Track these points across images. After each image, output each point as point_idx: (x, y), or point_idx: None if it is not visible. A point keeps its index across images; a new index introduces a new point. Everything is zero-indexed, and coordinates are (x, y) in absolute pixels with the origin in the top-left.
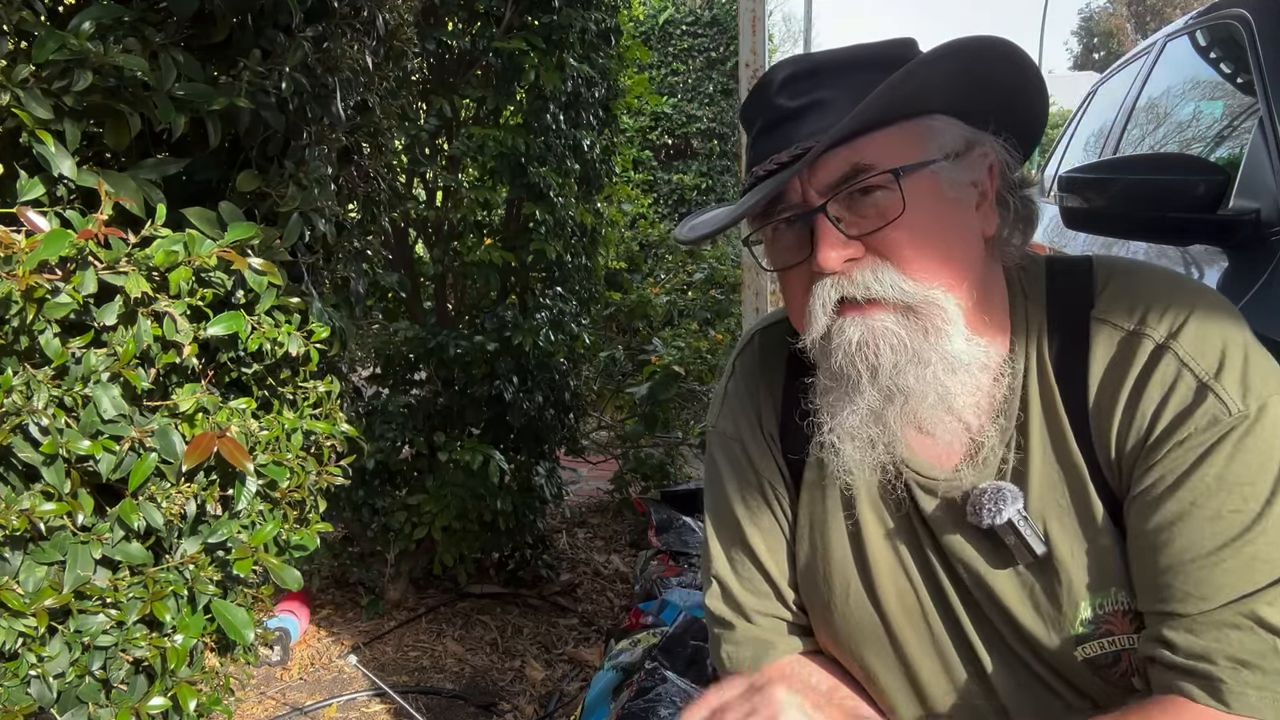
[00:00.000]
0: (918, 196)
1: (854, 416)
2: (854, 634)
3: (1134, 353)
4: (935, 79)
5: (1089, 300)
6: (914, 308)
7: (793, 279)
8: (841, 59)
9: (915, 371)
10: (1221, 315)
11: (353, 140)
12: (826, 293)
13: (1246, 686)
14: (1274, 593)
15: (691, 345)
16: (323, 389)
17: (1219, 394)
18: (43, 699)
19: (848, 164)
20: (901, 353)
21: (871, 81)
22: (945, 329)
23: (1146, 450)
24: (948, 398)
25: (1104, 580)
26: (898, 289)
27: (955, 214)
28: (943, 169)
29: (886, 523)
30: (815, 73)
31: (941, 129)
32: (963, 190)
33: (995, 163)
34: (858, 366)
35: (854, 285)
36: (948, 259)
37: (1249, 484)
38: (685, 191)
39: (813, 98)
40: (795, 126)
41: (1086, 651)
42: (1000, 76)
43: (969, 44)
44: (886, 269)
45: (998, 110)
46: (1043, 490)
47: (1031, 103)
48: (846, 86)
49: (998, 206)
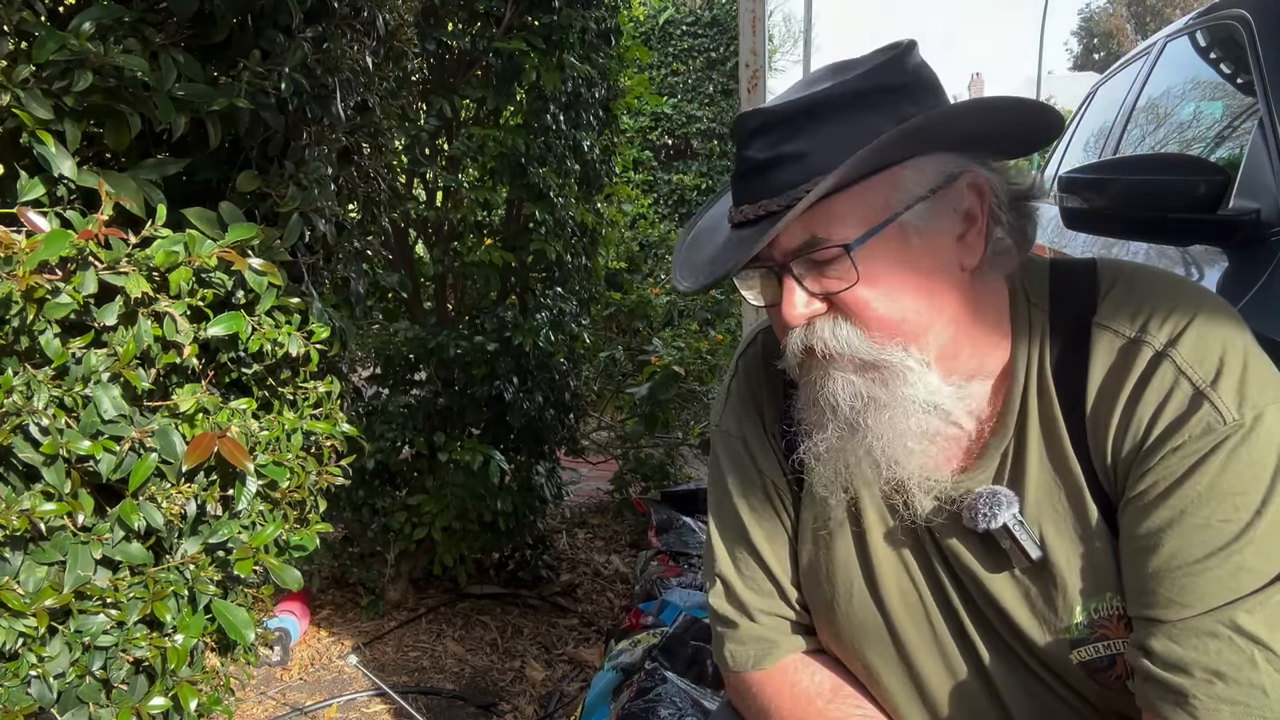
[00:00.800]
0: (874, 260)
1: (824, 442)
2: (857, 633)
3: (1133, 360)
4: (913, 141)
5: (1091, 306)
6: (875, 366)
7: (774, 314)
8: (815, 104)
9: (873, 414)
10: (1223, 322)
11: (353, 140)
12: (795, 340)
13: (1220, 702)
14: (1254, 601)
15: (691, 345)
16: (323, 389)
17: (1214, 403)
18: (43, 699)
19: (807, 233)
20: (858, 399)
21: (846, 129)
22: (905, 378)
23: (1141, 456)
24: (905, 439)
25: (1099, 585)
26: (853, 348)
27: (924, 260)
28: (911, 217)
29: (888, 523)
30: (785, 122)
31: (913, 174)
32: (939, 228)
33: (985, 184)
34: (820, 405)
35: (814, 338)
36: (910, 313)
37: (1240, 493)
38: (685, 191)
39: (778, 151)
40: (764, 180)
41: (1082, 655)
42: (995, 128)
43: (962, 112)
44: (844, 326)
45: (990, 141)
46: (1039, 495)
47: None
48: (816, 137)
49: (992, 225)
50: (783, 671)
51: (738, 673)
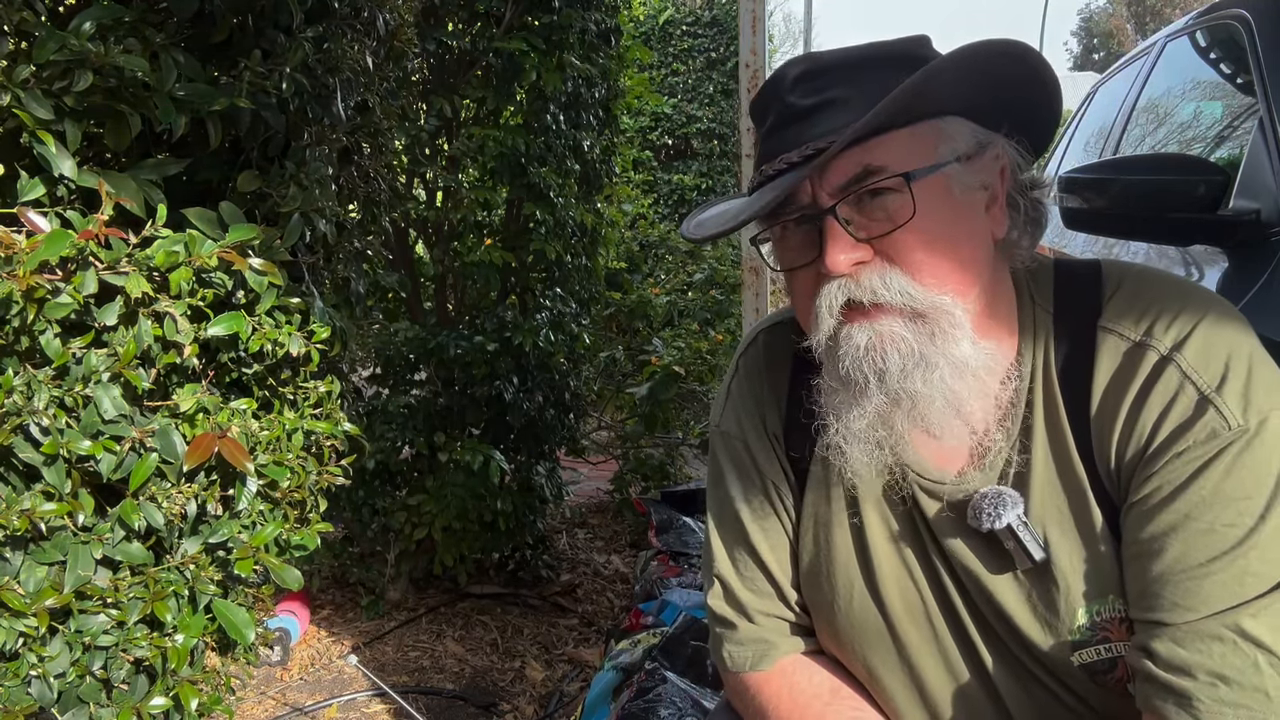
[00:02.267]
0: (928, 200)
1: (861, 420)
2: (857, 635)
3: (1138, 364)
4: (950, 82)
5: (1096, 308)
6: (922, 313)
7: (800, 279)
8: (855, 57)
9: (922, 375)
10: (1228, 327)
11: (353, 140)
12: (833, 295)
13: (1223, 705)
14: (1259, 605)
15: (691, 345)
16: (323, 389)
17: (1219, 407)
18: (43, 699)
19: (859, 165)
20: (909, 357)
21: (884, 81)
22: (953, 333)
23: (1145, 460)
24: (955, 401)
25: (1102, 587)
26: (905, 294)
27: (965, 217)
28: (954, 171)
29: (890, 524)
30: (828, 71)
31: (953, 131)
32: (973, 193)
33: (1007, 164)
34: (864, 371)
35: (861, 289)
36: (957, 263)
37: (1245, 498)
38: (685, 192)
39: (825, 96)
40: (807, 126)
41: (1084, 657)
42: (1015, 79)
43: (986, 47)
44: (895, 273)
45: (1011, 112)
46: (1043, 496)
47: (1046, 103)
48: (859, 85)
49: (1008, 208)
50: (781, 672)
51: (736, 673)
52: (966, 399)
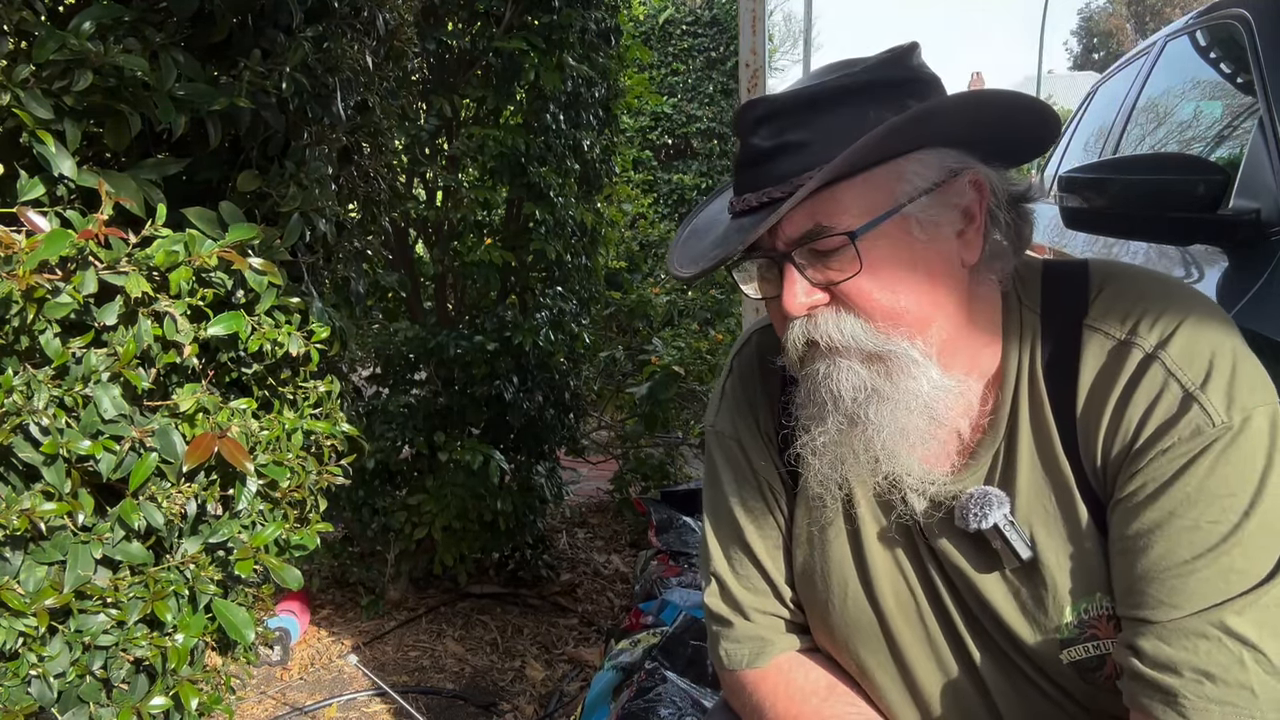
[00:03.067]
0: (879, 249)
1: (823, 436)
2: (851, 633)
3: (1123, 362)
4: (911, 132)
5: (1083, 307)
6: (877, 355)
7: (773, 308)
8: (818, 95)
9: (874, 407)
10: (1212, 325)
11: (353, 140)
12: (796, 333)
13: (1209, 702)
14: (1243, 602)
15: (691, 345)
16: (323, 389)
17: (1204, 405)
18: (43, 699)
19: (811, 221)
20: (861, 390)
21: (849, 120)
22: (911, 371)
23: (1130, 457)
24: (908, 433)
25: (1089, 585)
26: (857, 339)
27: (926, 253)
28: (914, 209)
29: (882, 523)
30: (787, 113)
31: (917, 168)
32: (940, 222)
33: (984, 181)
34: (822, 395)
35: (817, 331)
36: (914, 303)
37: (1228, 495)
38: (685, 191)
39: (783, 140)
40: (767, 168)
41: (1072, 655)
42: (992, 120)
43: (952, 105)
44: (848, 318)
45: (993, 139)
46: (1029, 496)
47: (1032, 126)
48: (821, 127)
49: (990, 224)
50: (777, 670)
51: (733, 671)
52: (927, 425)
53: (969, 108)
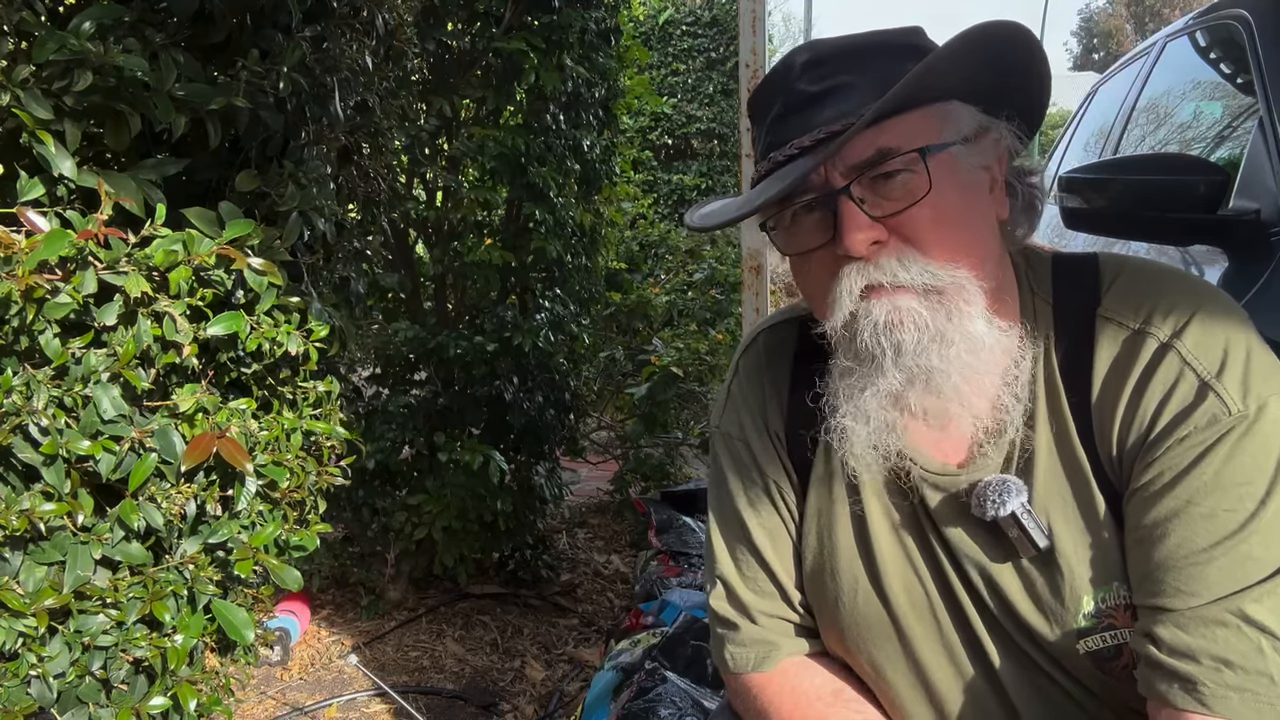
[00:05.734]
0: (941, 177)
1: (874, 399)
2: (863, 631)
3: (1138, 351)
4: (956, 65)
5: (1095, 298)
6: (939, 290)
7: (813, 264)
8: (858, 45)
9: (939, 351)
10: (1226, 314)
11: (352, 140)
12: (852, 280)
13: (1228, 689)
14: (1262, 590)
15: (691, 346)
16: (322, 389)
17: (1219, 394)
18: (43, 699)
19: (873, 147)
20: (925, 331)
21: (887, 67)
22: (968, 310)
23: (1147, 447)
24: (970, 378)
25: (1106, 574)
26: (924, 273)
27: (973, 196)
28: (960, 152)
29: (892, 516)
30: (833, 58)
31: (958, 113)
32: (977, 174)
33: (1005, 149)
34: (882, 344)
35: (880, 272)
36: (970, 241)
37: (1245, 484)
38: (685, 192)
39: (835, 82)
40: (816, 111)
41: (1089, 645)
42: (1015, 62)
43: (988, 31)
44: (911, 253)
45: (1010, 97)
46: (1046, 484)
47: (1038, 87)
48: (864, 71)
49: (1006, 193)
50: (783, 674)
51: (738, 675)
52: (981, 375)
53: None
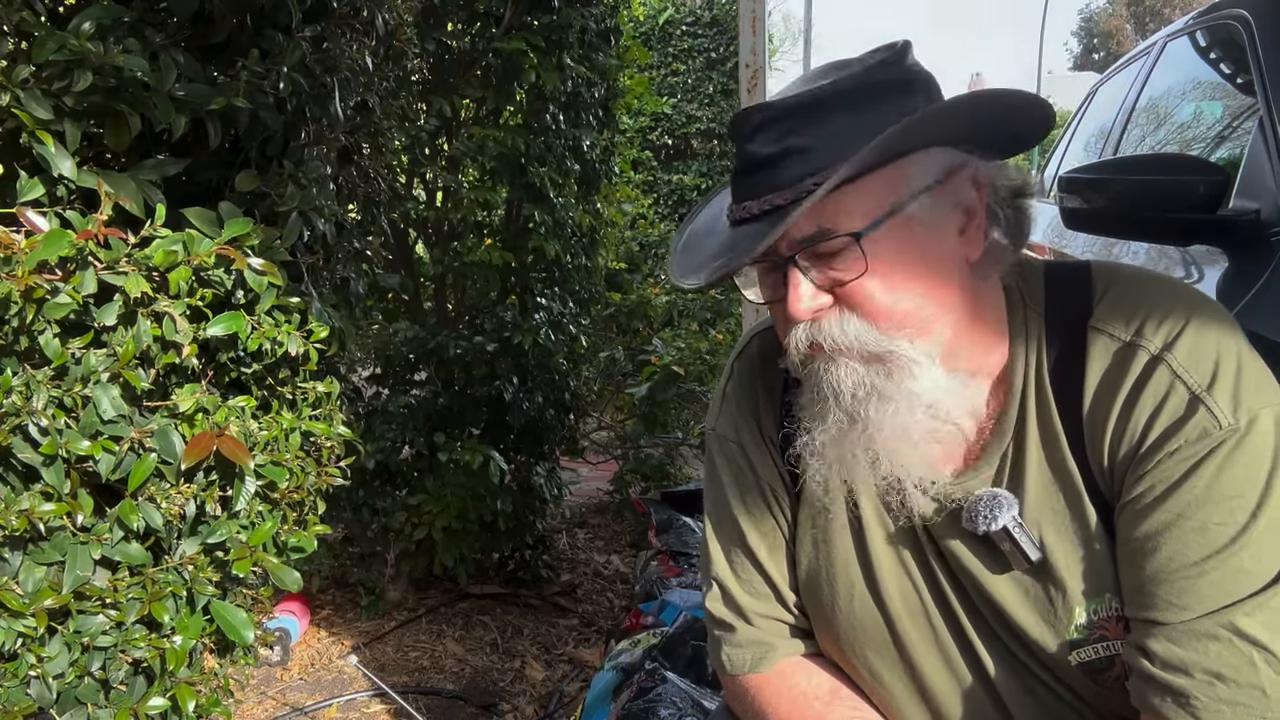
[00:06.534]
0: (883, 249)
1: (823, 435)
2: (859, 636)
3: (1129, 364)
4: (915, 133)
5: (1087, 309)
6: (878, 356)
7: (776, 311)
8: (818, 100)
9: (875, 406)
10: (1217, 326)
11: (352, 140)
12: (799, 337)
13: (1221, 703)
14: (1253, 604)
15: (691, 346)
16: (322, 389)
17: (1210, 407)
18: (42, 699)
19: (814, 225)
20: (862, 387)
21: (850, 124)
22: (911, 370)
23: (1138, 460)
24: (909, 433)
25: (1099, 586)
26: (860, 340)
27: (930, 251)
28: (916, 208)
29: (888, 525)
30: (788, 118)
31: (918, 166)
32: (942, 220)
33: (983, 177)
34: (824, 392)
35: (820, 334)
36: (919, 303)
37: (1236, 497)
38: (685, 192)
39: (785, 145)
40: (768, 175)
41: (1081, 656)
42: (993, 119)
43: (958, 106)
44: (852, 320)
45: (991, 136)
46: (1038, 497)
47: (1030, 122)
48: (822, 133)
49: (989, 221)
50: (780, 674)
51: (734, 676)
52: (930, 427)
53: (972, 106)
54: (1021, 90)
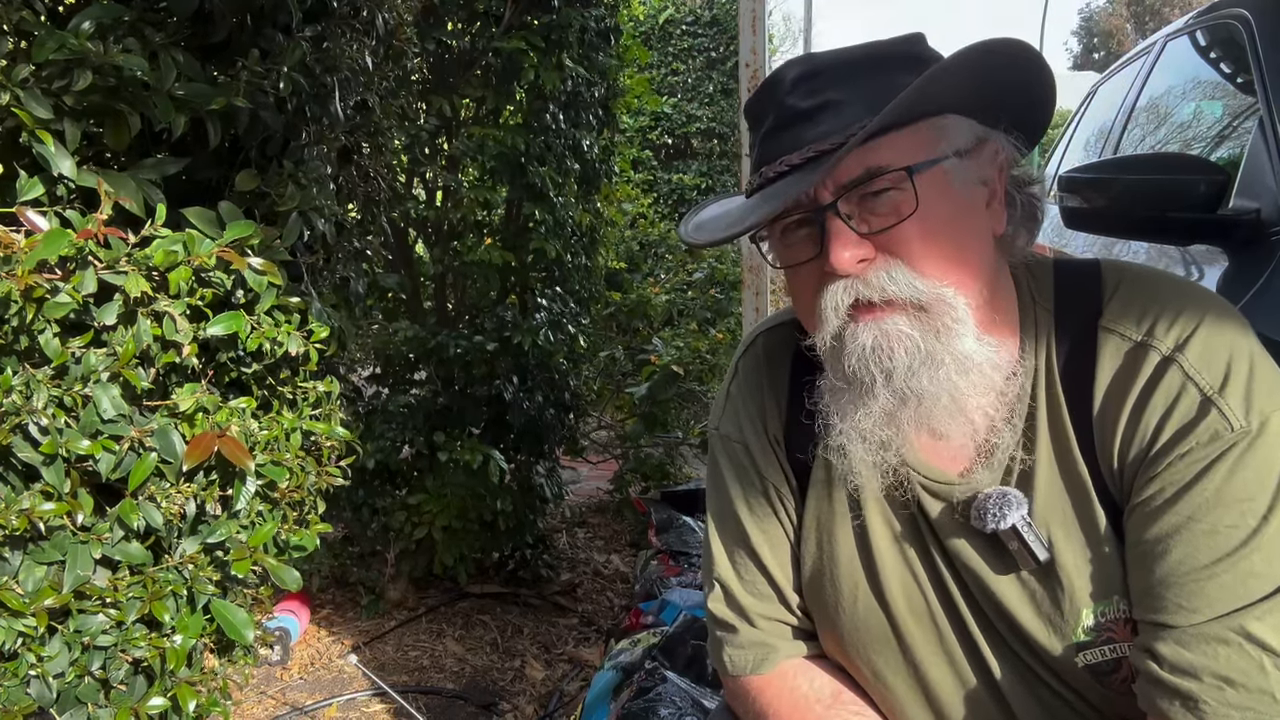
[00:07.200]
0: (930, 193)
1: (867, 419)
2: (862, 637)
3: (1140, 364)
4: (952, 83)
5: (1097, 308)
6: (926, 307)
7: (802, 277)
8: (851, 59)
9: (929, 374)
10: (1229, 327)
11: (352, 140)
12: (839, 296)
13: (1230, 707)
14: (1264, 608)
15: (691, 345)
16: (322, 389)
17: (1222, 409)
18: (42, 699)
19: (862, 166)
20: (915, 355)
21: (881, 82)
22: (956, 328)
23: (1148, 462)
24: (960, 398)
25: (1107, 588)
26: (912, 287)
27: (966, 211)
28: (953, 166)
29: (893, 525)
30: (825, 72)
31: (952, 127)
32: (972, 188)
33: (1005, 160)
34: (872, 370)
35: (869, 288)
36: (959, 256)
37: (1248, 500)
38: (685, 191)
39: (824, 98)
40: (807, 127)
41: (1088, 658)
42: (1015, 79)
43: (987, 49)
44: (899, 267)
45: (1009, 108)
46: (1047, 497)
47: (1042, 101)
48: (857, 87)
49: (1005, 205)
50: (782, 676)
51: (736, 677)
52: (971, 395)
53: (982, 54)
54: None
